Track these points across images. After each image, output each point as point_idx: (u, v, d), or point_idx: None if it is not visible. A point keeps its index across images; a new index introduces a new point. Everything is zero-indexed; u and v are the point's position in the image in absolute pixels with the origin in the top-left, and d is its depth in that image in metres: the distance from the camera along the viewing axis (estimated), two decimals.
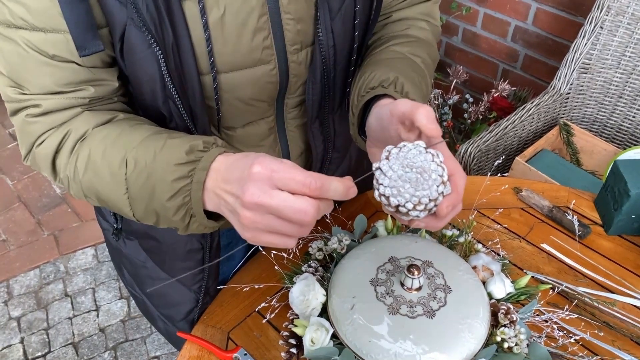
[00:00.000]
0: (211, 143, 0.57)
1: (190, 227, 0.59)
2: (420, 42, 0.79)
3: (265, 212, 0.50)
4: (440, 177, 0.52)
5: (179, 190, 0.56)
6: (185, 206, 0.56)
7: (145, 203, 0.59)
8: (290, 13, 0.66)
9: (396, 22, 0.82)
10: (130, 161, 0.59)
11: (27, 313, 1.90)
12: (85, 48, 0.58)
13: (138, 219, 0.62)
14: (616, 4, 1.45)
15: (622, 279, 0.86)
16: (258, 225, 0.50)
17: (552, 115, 1.63)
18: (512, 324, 0.70)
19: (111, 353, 1.79)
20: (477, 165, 1.47)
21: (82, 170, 0.62)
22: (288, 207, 0.49)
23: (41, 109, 0.62)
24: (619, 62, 1.51)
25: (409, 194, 0.51)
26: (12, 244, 2.10)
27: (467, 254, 0.82)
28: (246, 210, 0.50)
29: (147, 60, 0.61)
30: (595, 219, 0.96)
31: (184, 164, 0.56)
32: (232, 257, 0.99)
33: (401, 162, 0.53)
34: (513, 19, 1.90)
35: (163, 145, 0.58)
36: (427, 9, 0.83)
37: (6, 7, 0.56)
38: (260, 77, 0.69)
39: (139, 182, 0.58)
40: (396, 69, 0.68)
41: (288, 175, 0.49)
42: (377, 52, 0.75)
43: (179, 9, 0.60)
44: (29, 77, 0.60)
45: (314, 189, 0.49)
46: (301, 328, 0.71)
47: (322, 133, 0.81)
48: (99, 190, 0.62)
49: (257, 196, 0.49)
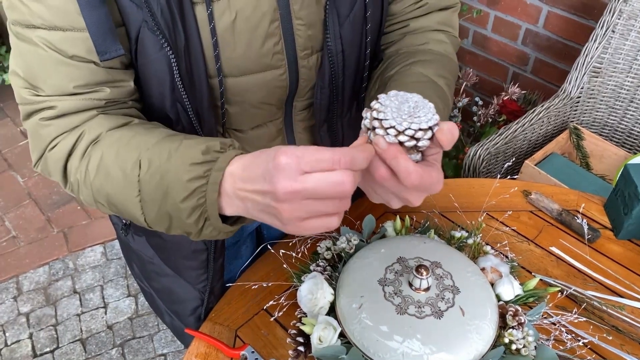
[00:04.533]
0: (228, 145, 0.56)
1: (203, 232, 0.57)
2: (442, 59, 0.76)
3: (303, 198, 0.48)
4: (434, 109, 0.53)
5: (194, 191, 0.54)
6: (200, 208, 0.55)
7: (158, 205, 0.57)
8: (301, 19, 0.66)
9: (415, 34, 0.79)
10: (144, 162, 0.57)
11: (36, 309, 1.92)
12: (105, 52, 0.58)
13: (149, 223, 0.60)
14: (628, 7, 1.45)
15: (632, 283, 0.86)
16: (298, 213, 0.49)
17: (562, 119, 1.62)
18: (520, 326, 0.70)
19: (118, 350, 1.80)
20: (486, 168, 1.47)
21: (93, 172, 0.61)
22: (324, 184, 0.47)
23: (56, 111, 0.61)
24: (630, 66, 1.50)
25: (408, 120, 0.51)
26: (22, 241, 2.12)
27: (476, 256, 0.82)
28: (282, 203, 0.48)
29: (158, 62, 0.62)
30: (605, 223, 0.96)
31: (200, 164, 0.54)
32: (239, 255, 0.99)
33: (397, 98, 0.53)
34: (524, 22, 1.89)
35: (179, 146, 0.57)
36: (444, 18, 0.80)
37: (26, 7, 0.56)
38: (270, 81, 0.69)
39: (153, 183, 0.57)
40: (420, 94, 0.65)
41: (315, 157, 0.48)
42: (401, 73, 0.71)
43: (191, 13, 0.60)
44: (45, 77, 0.60)
45: (344, 164, 0.48)
46: (309, 326, 0.71)
47: (330, 137, 0.81)
48: (109, 193, 0.60)
49: (290, 185, 0.47)
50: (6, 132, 2.58)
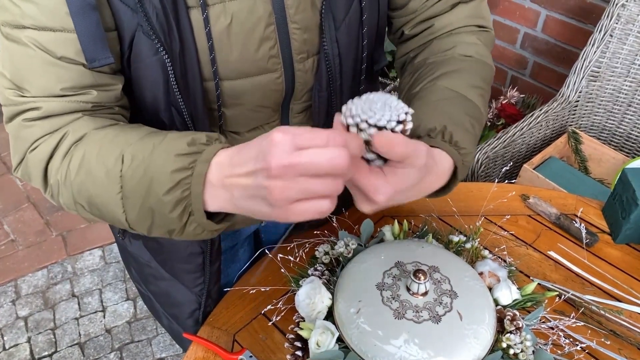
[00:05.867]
0: (214, 138, 0.55)
1: (187, 229, 0.55)
2: (473, 66, 0.71)
3: (297, 174, 0.46)
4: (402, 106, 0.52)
5: (179, 183, 0.52)
6: (185, 201, 0.53)
7: (141, 200, 0.55)
8: (297, 23, 0.67)
9: (441, 39, 0.75)
10: (127, 157, 0.56)
11: (35, 313, 1.91)
12: (94, 60, 0.58)
13: (131, 223, 0.58)
14: (626, 12, 1.45)
15: (630, 287, 0.86)
16: (290, 192, 0.46)
17: (560, 123, 1.62)
18: (518, 331, 0.70)
19: (117, 354, 1.80)
20: (484, 171, 1.47)
21: (74, 171, 0.59)
22: (319, 158, 0.46)
23: (40, 112, 0.60)
24: (628, 70, 1.51)
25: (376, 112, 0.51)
26: (20, 244, 2.12)
27: (474, 260, 0.82)
28: (274, 180, 0.46)
29: (153, 66, 0.62)
30: (603, 227, 0.96)
31: (185, 155, 0.53)
32: (237, 259, 0.99)
33: (368, 97, 0.53)
34: (522, 26, 1.90)
35: (163, 139, 0.56)
36: (472, 10, 0.74)
37: (17, 7, 0.56)
38: (266, 84, 0.69)
39: (136, 177, 0.55)
40: (444, 114, 0.63)
41: (310, 134, 0.47)
42: (426, 89, 0.68)
43: (186, 17, 0.61)
44: (32, 78, 0.59)
45: (339, 142, 0.47)
46: (307, 331, 0.71)
47: None
48: (90, 192, 0.58)
49: (284, 158, 0.46)
50: (5, 135, 2.57)
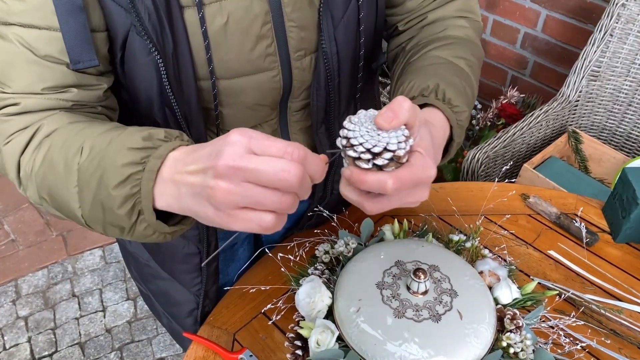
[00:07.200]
0: (174, 135, 0.53)
1: (137, 228, 0.52)
2: (461, 42, 0.74)
3: (243, 179, 0.44)
4: (402, 131, 0.51)
5: (128, 178, 0.50)
6: (134, 198, 0.50)
7: (93, 194, 0.53)
8: (293, 21, 0.66)
9: (433, 24, 0.78)
10: (86, 149, 0.54)
11: (35, 312, 1.91)
12: (78, 61, 0.57)
13: (86, 219, 0.56)
14: (626, 12, 1.45)
15: (630, 287, 0.86)
16: (234, 197, 0.44)
17: (560, 123, 1.62)
18: (518, 330, 0.70)
19: (117, 354, 1.80)
20: (484, 171, 1.47)
21: (39, 163, 0.57)
22: (268, 168, 0.44)
23: (19, 108, 0.59)
24: (628, 70, 1.51)
25: (371, 137, 0.50)
26: (21, 244, 2.12)
27: (474, 259, 0.82)
28: (219, 180, 0.44)
29: (146, 67, 0.61)
30: (603, 226, 0.96)
31: (138, 149, 0.51)
32: (236, 258, 0.99)
33: (367, 115, 0.52)
34: (522, 26, 1.90)
35: (122, 133, 0.54)
36: (463, 4, 0.78)
37: (4, 4, 0.56)
38: (263, 83, 0.69)
39: (90, 169, 0.53)
40: (436, 75, 0.65)
41: (267, 141, 0.45)
42: (416, 59, 0.71)
43: (180, 17, 0.60)
44: (15, 76, 0.58)
45: (296, 158, 0.45)
46: (307, 330, 0.71)
47: (328, 138, 0.82)
48: (51, 185, 0.56)
49: (233, 160, 0.44)
50: None
